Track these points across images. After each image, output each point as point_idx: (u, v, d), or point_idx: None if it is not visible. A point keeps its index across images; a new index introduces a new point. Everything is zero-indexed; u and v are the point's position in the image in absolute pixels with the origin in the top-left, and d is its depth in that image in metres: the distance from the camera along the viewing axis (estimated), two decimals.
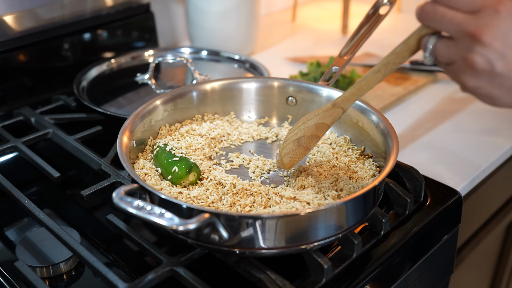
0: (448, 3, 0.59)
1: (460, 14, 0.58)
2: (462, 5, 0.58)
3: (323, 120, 0.79)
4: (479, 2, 0.57)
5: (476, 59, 0.58)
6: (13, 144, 1.02)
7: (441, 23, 0.60)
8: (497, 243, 1.40)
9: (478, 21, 0.57)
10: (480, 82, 0.59)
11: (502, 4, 0.56)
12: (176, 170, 0.84)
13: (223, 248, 0.72)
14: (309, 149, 0.82)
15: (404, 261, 0.86)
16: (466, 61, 0.59)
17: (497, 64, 0.57)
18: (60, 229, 0.81)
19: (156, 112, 0.95)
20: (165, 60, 1.24)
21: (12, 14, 1.16)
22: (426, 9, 0.60)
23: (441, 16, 0.59)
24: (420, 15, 0.61)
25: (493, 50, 0.56)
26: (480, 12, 0.57)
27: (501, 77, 0.57)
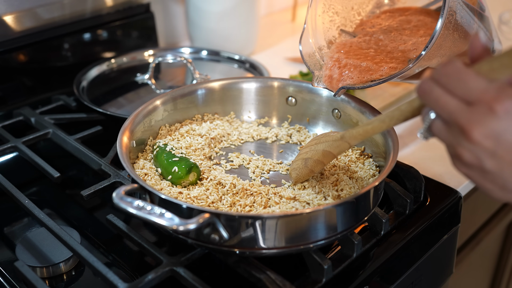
0: (447, 85, 0.55)
1: (454, 101, 0.54)
2: (460, 92, 0.54)
3: (330, 149, 0.81)
4: (476, 93, 0.53)
5: (464, 154, 0.55)
6: (13, 144, 1.02)
7: (435, 106, 0.57)
8: (497, 243, 1.40)
9: (470, 115, 0.53)
10: (470, 172, 0.57)
11: (499, 103, 0.51)
12: (176, 170, 0.84)
13: (223, 248, 0.73)
14: (313, 172, 0.84)
15: (404, 261, 0.86)
16: (455, 152, 0.56)
17: (486, 162, 0.54)
18: (60, 229, 0.81)
19: (156, 112, 0.95)
20: (165, 60, 1.24)
21: (12, 14, 1.16)
22: (423, 87, 0.57)
23: (436, 99, 0.56)
24: (418, 91, 0.58)
25: (482, 149, 0.53)
26: (475, 105, 0.53)
27: (492, 174, 0.55)
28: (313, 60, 0.93)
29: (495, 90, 0.52)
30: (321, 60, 0.93)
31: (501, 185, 0.55)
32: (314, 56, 0.94)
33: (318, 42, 0.95)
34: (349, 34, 0.98)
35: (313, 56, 0.94)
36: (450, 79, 0.54)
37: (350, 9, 1.00)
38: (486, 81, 0.53)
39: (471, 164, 0.55)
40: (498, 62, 0.53)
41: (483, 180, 0.56)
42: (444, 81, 0.55)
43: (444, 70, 0.55)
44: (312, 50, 0.94)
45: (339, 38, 0.98)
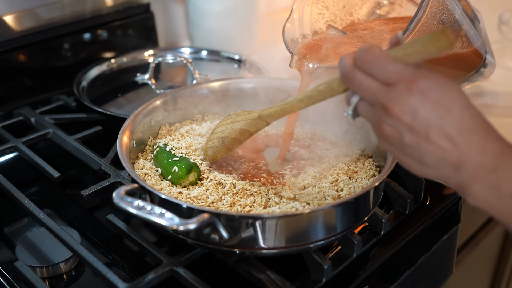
0: (368, 70, 0.60)
1: (376, 83, 0.60)
2: (380, 76, 0.60)
3: (247, 127, 0.84)
4: (395, 77, 0.59)
5: (386, 129, 0.61)
6: (13, 144, 1.02)
7: (358, 89, 0.62)
8: (497, 243, 1.40)
9: (391, 94, 0.59)
10: (392, 148, 0.62)
11: (414, 83, 0.58)
12: (176, 170, 0.84)
13: (223, 248, 0.72)
14: (230, 149, 0.86)
15: (404, 261, 0.86)
16: (378, 128, 0.62)
17: (405, 136, 0.60)
18: (60, 229, 0.81)
19: (156, 112, 0.95)
20: (165, 60, 1.24)
21: (12, 14, 1.16)
22: (346, 73, 0.62)
23: (358, 83, 0.61)
24: (341, 76, 0.63)
25: (402, 123, 0.59)
26: (394, 86, 0.59)
27: (410, 147, 0.60)
28: (295, 44, 0.94)
29: (411, 71, 0.59)
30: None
31: (418, 159, 0.61)
32: (297, 42, 0.94)
33: (304, 30, 0.95)
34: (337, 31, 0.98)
35: (296, 41, 0.94)
36: (371, 64, 0.60)
37: (342, 7, 1.00)
38: (402, 65, 0.59)
39: (393, 139, 0.61)
40: (412, 48, 0.60)
41: (404, 155, 0.62)
42: (366, 67, 0.61)
43: (364, 56, 0.60)
44: (296, 36, 0.95)
45: (326, 31, 0.98)
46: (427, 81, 0.58)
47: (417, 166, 0.62)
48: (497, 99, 1.34)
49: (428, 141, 0.59)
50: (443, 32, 0.57)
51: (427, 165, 0.60)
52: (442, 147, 0.58)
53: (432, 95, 0.58)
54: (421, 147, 0.59)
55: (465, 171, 0.59)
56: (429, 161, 0.60)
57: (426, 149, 0.59)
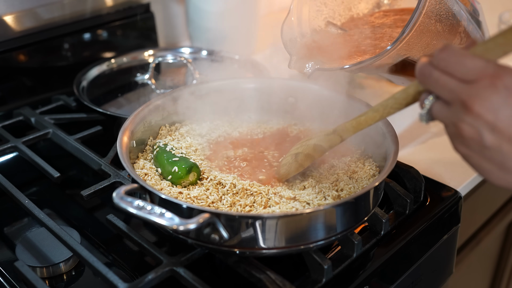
0: (445, 68, 0.57)
1: (454, 81, 0.57)
2: (459, 73, 0.56)
3: (321, 143, 0.81)
4: (476, 73, 0.55)
5: (465, 128, 0.56)
6: (13, 144, 1.02)
7: (435, 87, 0.59)
8: (497, 243, 1.40)
9: (472, 90, 0.55)
10: (470, 151, 0.58)
11: (499, 78, 0.54)
12: (176, 170, 0.84)
13: (223, 248, 0.73)
14: (302, 166, 0.84)
15: (404, 261, 0.86)
16: (456, 128, 0.58)
17: (486, 136, 0.55)
18: (60, 229, 0.81)
19: (156, 112, 0.95)
20: (165, 60, 1.24)
21: (12, 14, 1.16)
22: (422, 70, 0.59)
23: (435, 80, 0.58)
24: (417, 74, 0.61)
25: (483, 122, 0.55)
26: (476, 82, 0.55)
27: (491, 150, 0.56)
28: (294, 44, 0.93)
29: (494, 67, 0.54)
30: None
31: (499, 163, 0.56)
32: (295, 41, 0.93)
33: (302, 29, 0.95)
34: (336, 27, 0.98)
35: (294, 41, 0.93)
36: (449, 62, 0.56)
37: (340, 2, 1.00)
38: (483, 61, 0.55)
39: (471, 139, 0.56)
40: (492, 42, 0.56)
41: (482, 159, 0.57)
42: (443, 65, 0.57)
43: (441, 54, 0.57)
44: (294, 35, 0.94)
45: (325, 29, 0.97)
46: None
47: (498, 172, 0.57)
48: None
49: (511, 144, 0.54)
50: None
51: (509, 170, 0.56)
52: None
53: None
54: (503, 150, 0.54)
55: None
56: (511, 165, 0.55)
57: (509, 152, 0.54)
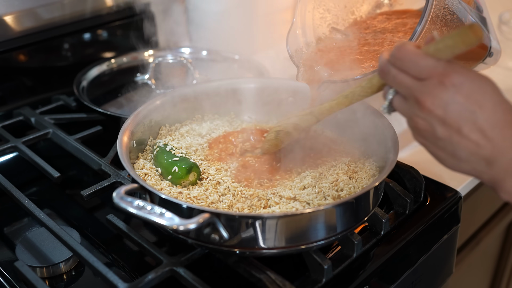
0: (401, 66, 0.62)
1: (409, 79, 0.62)
2: (413, 72, 0.61)
3: (299, 122, 0.87)
4: (427, 72, 0.60)
5: (419, 122, 0.62)
6: (13, 144, 1.02)
7: (393, 83, 0.64)
8: (497, 243, 1.40)
9: (423, 88, 0.61)
10: (426, 142, 0.64)
11: (448, 77, 0.59)
12: (176, 170, 0.84)
13: (223, 248, 0.72)
14: (282, 142, 0.89)
15: (404, 261, 0.86)
16: (412, 122, 0.64)
17: (438, 129, 0.61)
18: (60, 229, 0.81)
19: (156, 112, 0.95)
20: (165, 60, 1.24)
21: (12, 14, 1.16)
22: (382, 68, 0.65)
23: (393, 78, 0.63)
24: (379, 70, 0.66)
25: (434, 116, 0.60)
26: (427, 80, 0.61)
27: (443, 141, 0.61)
28: (300, 55, 0.94)
29: (443, 66, 0.60)
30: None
31: (451, 153, 0.62)
32: (301, 52, 0.94)
33: (307, 38, 0.95)
34: (340, 33, 0.98)
35: (300, 51, 0.94)
36: (404, 60, 0.62)
37: (343, 7, 1.00)
38: (434, 60, 0.60)
39: (426, 132, 0.62)
40: (443, 43, 0.61)
41: (437, 149, 0.63)
42: (399, 63, 0.62)
43: (397, 54, 0.62)
44: (300, 46, 0.95)
45: (330, 35, 0.97)
46: (460, 76, 0.59)
47: (450, 160, 0.63)
48: None
49: (461, 135, 0.59)
50: (471, 28, 0.58)
51: (460, 159, 0.61)
52: (475, 141, 0.59)
53: (465, 90, 0.59)
54: (453, 141, 0.60)
55: (498, 166, 0.59)
56: (462, 155, 0.61)
57: (458, 142, 0.60)
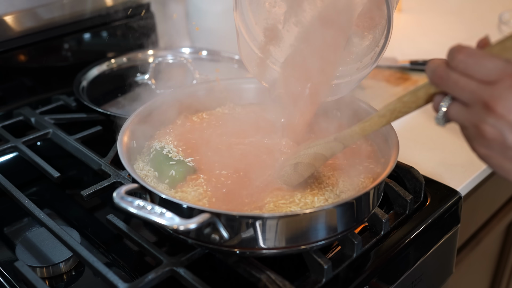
0: (464, 70, 0.56)
1: (474, 82, 0.56)
2: (479, 74, 0.55)
3: (322, 151, 0.77)
4: (497, 73, 0.55)
5: (487, 129, 0.56)
6: (13, 144, 1.02)
7: (454, 89, 0.58)
8: (497, 243, 1.40)
9: (493, 91, 0.55)
10: (491, 152, 0.58)
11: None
12: (174, 174, 0.83)
13: (223, 248, 0.72)
14: (303, 176, 0.80)
15: (404, 261, 0.86)
16: (477, 129, 0.57)
17: (509, 136, 0.55)
18: (60, 229, 0.81)
19: (156, 112, 0.95)
20: (165, 60, 1.24)
21: (12, 14, 1.16)
22: (438, 73, 0.58)
23: (454, 83, 0.57)
24: (432, 77, 0.59)
25: (506, 122, 0.55)
26: (497, 83, 0.55)
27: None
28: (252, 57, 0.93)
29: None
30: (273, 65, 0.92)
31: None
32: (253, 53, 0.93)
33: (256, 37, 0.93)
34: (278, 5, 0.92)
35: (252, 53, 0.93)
36: (467, 63, 0.56)
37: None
38: (503, 61, 0.54)
39: (493, 140, 0.56)
40: (509, 41, 0.56)
41: (504, 160, 0.57)
42: (462, 66, 0.56)
43: (458, 56, 0.56)
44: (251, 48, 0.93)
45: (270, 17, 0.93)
46: None
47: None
48: None
49: None
50: None
51: None
52: None
53: None
54: None
55: None
56: None
57: None
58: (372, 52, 0.87)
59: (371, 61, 0.86)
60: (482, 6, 1.91)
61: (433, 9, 1.89)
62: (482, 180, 1.08)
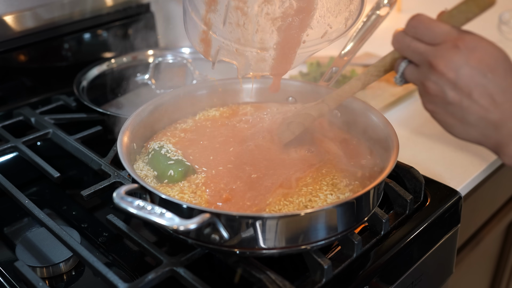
0: (415, 34, 0.65)
1: (423, 45, 0.64)
2: (427, 38, 0.63)
3: (310, 111, 0.86)
4: (442, 36, 0.62)
5: (431, 86, 0.64)
6: (13, 144, 1.02)
7: (407, 51, 0.66)
8: (497, 243, 1.40)
9: (437, 52, 0.62)
10: (436, 107, 0.65)
11: (461, 40, 0.61)
12: (172, 174, 0.83)
13: (223, 248, 0.72)
14: (294, 133, 0.88)
15: (404, 261, 0.86)
16: (423, 87, 0.65)
17: (449, 93, 0.62)
18: (60, 229, 0.81)
19: (156, 112, 0.95)
20: (165, 60, 1.24)
21: (12, 14, 1.16)
22: (397, 37, 0.67)
23: (407, 46, 0.66)
24: (393, 41, 0.68)
25: (446, 80, 0.62)
26: (441, 45, 0.62)
27: (453, 106, 0.63)
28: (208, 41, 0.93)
29: (457, 31, 0.62)
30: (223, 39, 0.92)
31: (461, 118, 0.63)
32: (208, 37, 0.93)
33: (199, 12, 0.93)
34: None
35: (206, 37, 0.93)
36: (418, 28, 0.64)
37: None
38: (449, 26, 0.63)
39: (436, 97, 0.63)
40: (456, 9, 0.64)
41: (446, 114, 0.64)
42: (413, 31, 0.65)
43: (411, 22, 0.65)
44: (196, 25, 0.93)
45: None
46: (474, 40, 0.61)
47: (459, 126, 0.64)
48: None
49: (471, 99, 0.61)
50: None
51: (469, 124, 0.62)
52: (484, 106, 0.60)
53: (478, 53, 0.60)
54: (463, 105, 0.61)
55: (505, 130, 0.61)
56: (471, 119, 0.62)
57: (468, 107, 0.61)
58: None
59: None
60: None
61: (433, 9, 1.88)
62: (482, 180, 1.08)
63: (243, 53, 0.92)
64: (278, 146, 0.92)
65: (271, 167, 0.87)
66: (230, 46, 0.92)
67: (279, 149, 0.92)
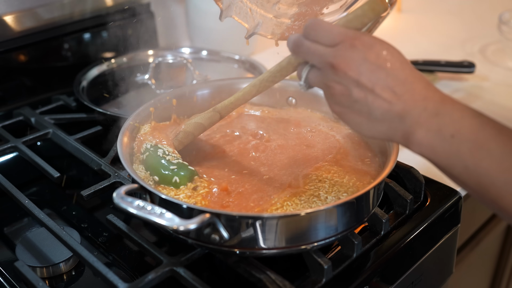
0: (313, 38, 0.65)
1: (322, 47, 0.65)
2: (325, 40, 0.64)
3: (201, 121, 0.86)
4: (339, 37, 0.63)
5: (335, 86, 0.64)
6: (13, 144, 1.02)
7: (307, 54, 0.67)
8: (497, 243, 1.40)
9: (336, 52, 0.63)
10: (342, 108, 0.65)
11: (357, 39, 0.63)
12: (177, 181, 0.80)
13: (223, 248, 0.73)
14: (183, 143, 0.87)
15: (404, 261, 0.86)
16: (328, 88, 0.65)
17: (353, 90, 0.63)
18: (60, 229, 0.81)
19: (156, 112, 0.95)
20: (165, 60, 1.24)
21: (12, 14, 1.16)
22: (295, 41, 0.67)
23: (307, 49, 0.66)
24: (291, 47, 0.68)
25: (348, 78, 0.62)
26: (338, 45, 0.63)
27: (359, 103, 0.63)
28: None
29: (353, 32, 0.64)
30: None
31: (367, 114, 0.64)
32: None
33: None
34: None
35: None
36: (316, 31, 0.65)
37: None
38: (345, 28, 0.65)
39: (342, 96, 0.64)
40: (352, 14, 0.66)
41: (353, 113, 0.65)
42: (312, 34, 0.65)
43: (309, 26, 0.65)
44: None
45: None
46: (369, 38, 0.63)
47: (367, 123, 0.64)
48: (497, 99, 1.34)
49: (374, 94, 0.62)
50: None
51: (376, 119, 0.63)
52: (387, 99, 0.62)
53: (374, 49, 0.62)
54: (368, 101, 0.62)
55: (410, 119, 0.62)
56: (377, 114, 0.63)
57: (373, 102, 0.62)
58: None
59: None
60: (482, 6, 1.91)
61: (433, 9, 1.89)
62: None
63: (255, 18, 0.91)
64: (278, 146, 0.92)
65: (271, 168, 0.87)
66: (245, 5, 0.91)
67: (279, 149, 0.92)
